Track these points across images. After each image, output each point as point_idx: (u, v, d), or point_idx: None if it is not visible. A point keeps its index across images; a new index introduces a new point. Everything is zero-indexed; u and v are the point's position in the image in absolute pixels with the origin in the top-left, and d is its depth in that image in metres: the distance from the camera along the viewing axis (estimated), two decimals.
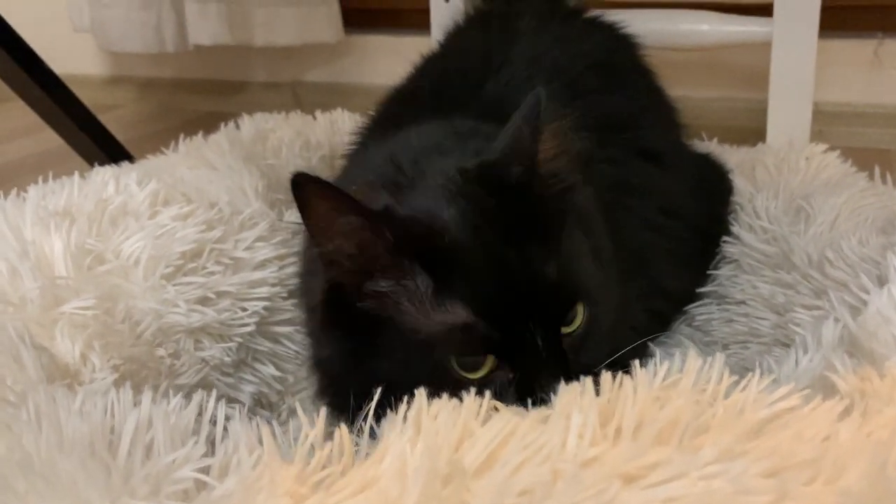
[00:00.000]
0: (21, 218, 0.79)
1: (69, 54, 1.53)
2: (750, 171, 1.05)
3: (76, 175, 0.89)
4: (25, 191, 0.87)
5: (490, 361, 0.59)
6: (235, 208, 0.92)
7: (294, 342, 0.91)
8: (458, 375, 0.59)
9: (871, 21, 1.69)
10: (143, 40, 2.06)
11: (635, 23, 1.06)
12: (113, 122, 1.49)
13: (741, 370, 0.80)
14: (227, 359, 0.80)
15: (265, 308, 0.86)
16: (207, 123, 2.23)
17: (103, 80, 2.56)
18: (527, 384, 0.59)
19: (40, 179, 0.91)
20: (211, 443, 0.52)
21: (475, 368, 0.59)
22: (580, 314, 0.62)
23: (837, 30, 1.61)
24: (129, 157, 1.50)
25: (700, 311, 0.94)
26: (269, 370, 0.86)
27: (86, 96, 1.47)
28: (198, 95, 2.46)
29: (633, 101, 0.93)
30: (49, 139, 1.90)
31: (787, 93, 1.40)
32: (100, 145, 1.48)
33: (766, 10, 1.42)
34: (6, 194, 0.86)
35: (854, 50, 1.71)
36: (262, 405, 0.86)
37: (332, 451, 0.48)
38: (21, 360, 0.56)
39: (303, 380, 0.89)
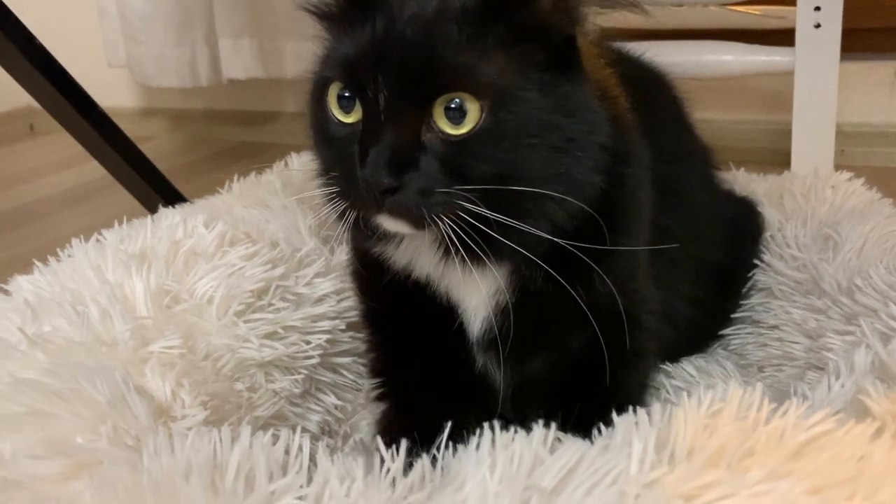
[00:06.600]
0: (103, 261, 0.85)
1: (103, 88, 1.60)
2: (778, 199, 1.10)
3: (148, 219, 0.96)
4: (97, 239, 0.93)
5: (357, 108, 0.63)
6: (294, 246, 0.98)
7: (352, 372, 0.97)
8: (335, 118, 0.65)
9: (891, 43, 1.73)
10: (178, 75, 2.15)
11: (659, 54, 1.11)
12: (147, 154, 1.55)
13: (776, 392, 0.86)
14: (295, 390, 0.86)
15: (327, 341, 0.91)
16: (239, 153, 2.33)
17: (136, 112, 2.65)
18: (363, 141, 0.62)
19: (121, 223, 0.98)
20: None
21: (346, 111, 0.64)
22: (472, 113, 0.61)
23: (857, 52, 1.66)
24: (173, 189, 1.57)
25: (735, 335, 0.99)
26: (331, 399, 0.92)
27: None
28: (228, 126, 2.53)
29: (670, 140, 0.93)
30: (90, 171, 1.97)
31: (810, 119, 1.45)
32: (144, 177, 1.55)
33: (788, 35, 1.48)
34: (51, 225, 0.92)
35: (874, 71, 1.75)
36: (324, 432, 0.92)
37: (411, 480, 0.54)
38: (128, 402, 0.62)
39: (359, 406, 0.95)
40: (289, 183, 1.20)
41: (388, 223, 0.64)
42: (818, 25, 1.40)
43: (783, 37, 1.51)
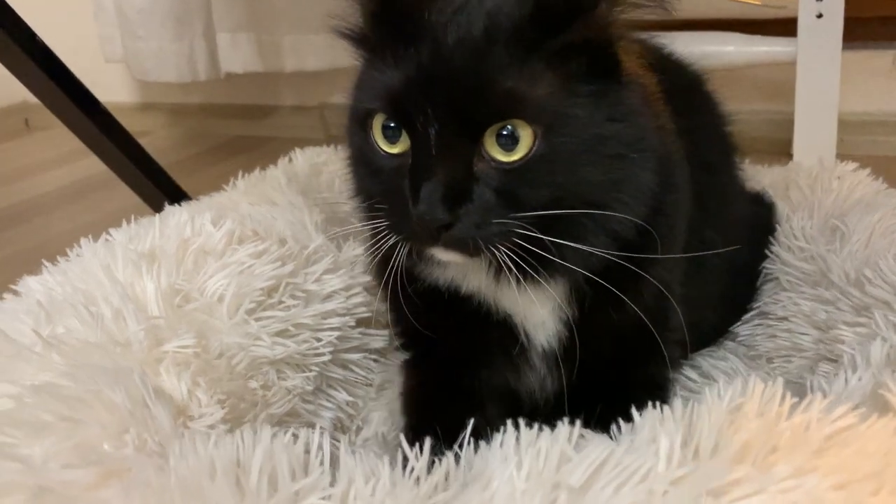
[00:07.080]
0: (112, 261, 0.85)
1: (99, 83, 1.59)
2: (784, 191, 1.11)
3: (157, 217, 0.96)
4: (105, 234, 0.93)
5: (404, 138, 0.61)
6: (301, 243, 0.97)
7: (362, 368, 0.97)
8: (380, 150, 0.63)
9: (890, 32, 1.74)
10: (176, 70, 2.14)
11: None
12: (145, 149, 1.56)
13: (787, 383, 0.86)
14: (308, 387, 0.86)
15: (337, 338, 0.91)
16: (237, 147, 2.33)
17: (133, 107, 2.64)
18: (414, 176, 0.60)
19: (127, 224, 0.97)
20: None
21: (392, 142, 0.62)
22: (525, 139, 0.59)
23: (857, 41, 1.66)
24: (174, 184, 1.56)
25: (743, 327, 0.99)
26: (343, 396, 0.92)
27: None
28: (226, 120, 2.53)
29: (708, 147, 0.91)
30: (86, 167, 1.96)
31: (812, 109, 1.46)
32: (146, 173, 1.54)
33: (790, 25, 1.48)
34: (48, 222, 0.91)
35: (872, 60, 1.76)
36: (336, 428, 0.92)
37: (437, 478, 0.54)
38: (150, 408, 0.62)
39: (370, 401, 0.95)
40: (293, 178, 1.20)
41: (442, 255, 0.63)
42: (820, 15, 1.40)
43: (785, 27, 1.52)
